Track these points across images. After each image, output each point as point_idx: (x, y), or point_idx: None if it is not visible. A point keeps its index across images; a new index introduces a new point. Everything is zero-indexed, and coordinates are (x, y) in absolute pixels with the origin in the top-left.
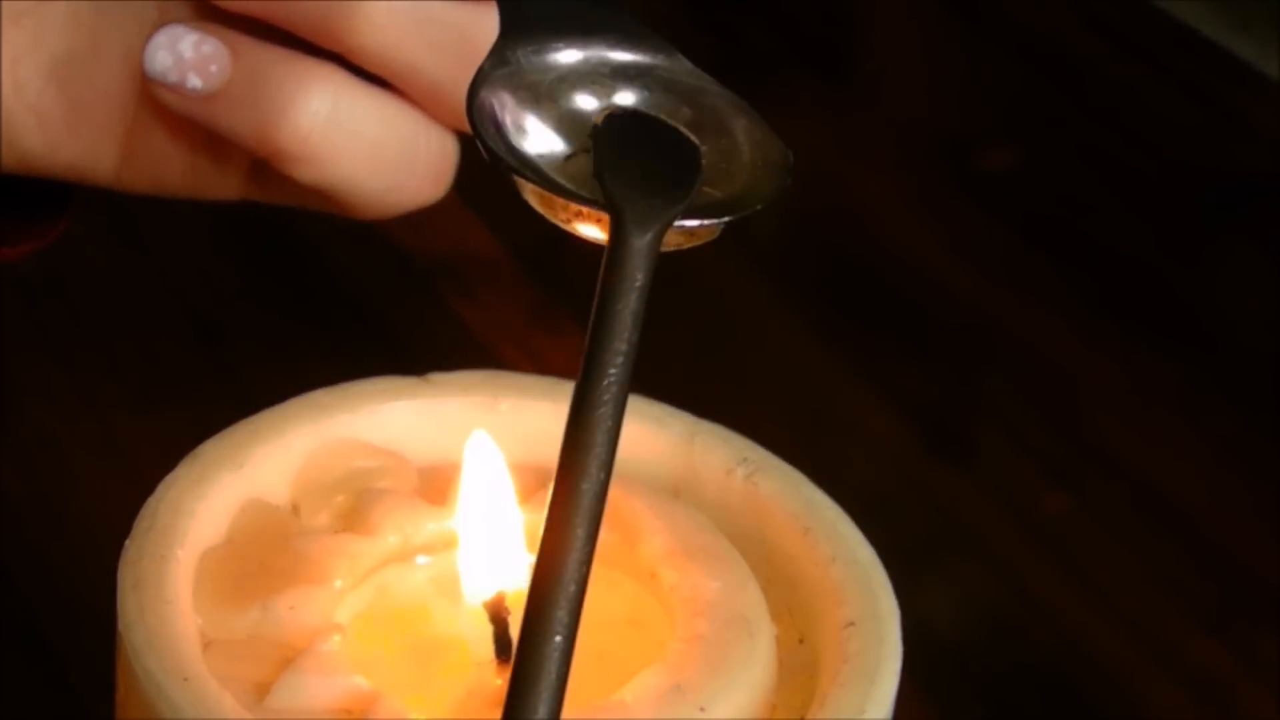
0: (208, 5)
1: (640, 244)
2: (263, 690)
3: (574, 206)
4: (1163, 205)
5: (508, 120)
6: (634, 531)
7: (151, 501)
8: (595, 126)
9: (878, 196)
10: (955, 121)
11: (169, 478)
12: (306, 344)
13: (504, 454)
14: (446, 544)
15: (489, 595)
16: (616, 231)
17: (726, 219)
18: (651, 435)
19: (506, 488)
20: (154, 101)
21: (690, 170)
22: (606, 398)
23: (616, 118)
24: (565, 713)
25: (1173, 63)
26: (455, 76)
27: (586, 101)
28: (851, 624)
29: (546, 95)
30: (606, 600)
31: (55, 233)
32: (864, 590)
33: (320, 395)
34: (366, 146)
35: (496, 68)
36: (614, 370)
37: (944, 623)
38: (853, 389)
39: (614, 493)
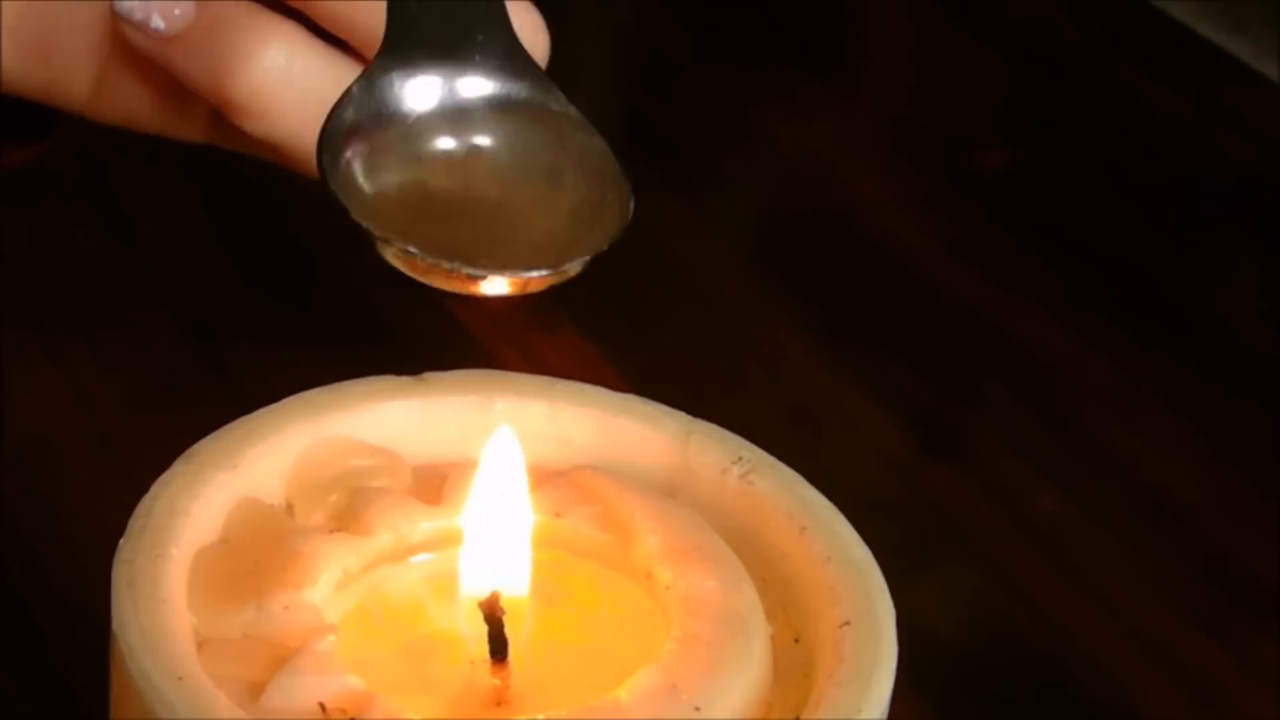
0: None
1: None
2: (257, 689)
3: (427, 264)
4: (1159, 205)
5: (362, 160)
6: (629, 531)
7: (146, 500)
8: None
9: (873, 196)
10: (951, 121)
11: (164, 477)
12: (301, 343)
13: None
14: (441, 543)
15: (485, 593)
16: None
17: (568, 265)
18: (646, 434)
19: (522, 490)
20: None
21: None
22: None
23: None
24: (561, 713)
25: (1169, 63)
26: None
27: (448, 144)
28: (847, 623)
29: (411, 134)
30: (601, 599)
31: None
32: (859, 590)
33: (315, 394)
34: (317, 104)
35: (364, 93)
36: None
37: (939, 622)
38: (848, 388)
39: (609, 491)
